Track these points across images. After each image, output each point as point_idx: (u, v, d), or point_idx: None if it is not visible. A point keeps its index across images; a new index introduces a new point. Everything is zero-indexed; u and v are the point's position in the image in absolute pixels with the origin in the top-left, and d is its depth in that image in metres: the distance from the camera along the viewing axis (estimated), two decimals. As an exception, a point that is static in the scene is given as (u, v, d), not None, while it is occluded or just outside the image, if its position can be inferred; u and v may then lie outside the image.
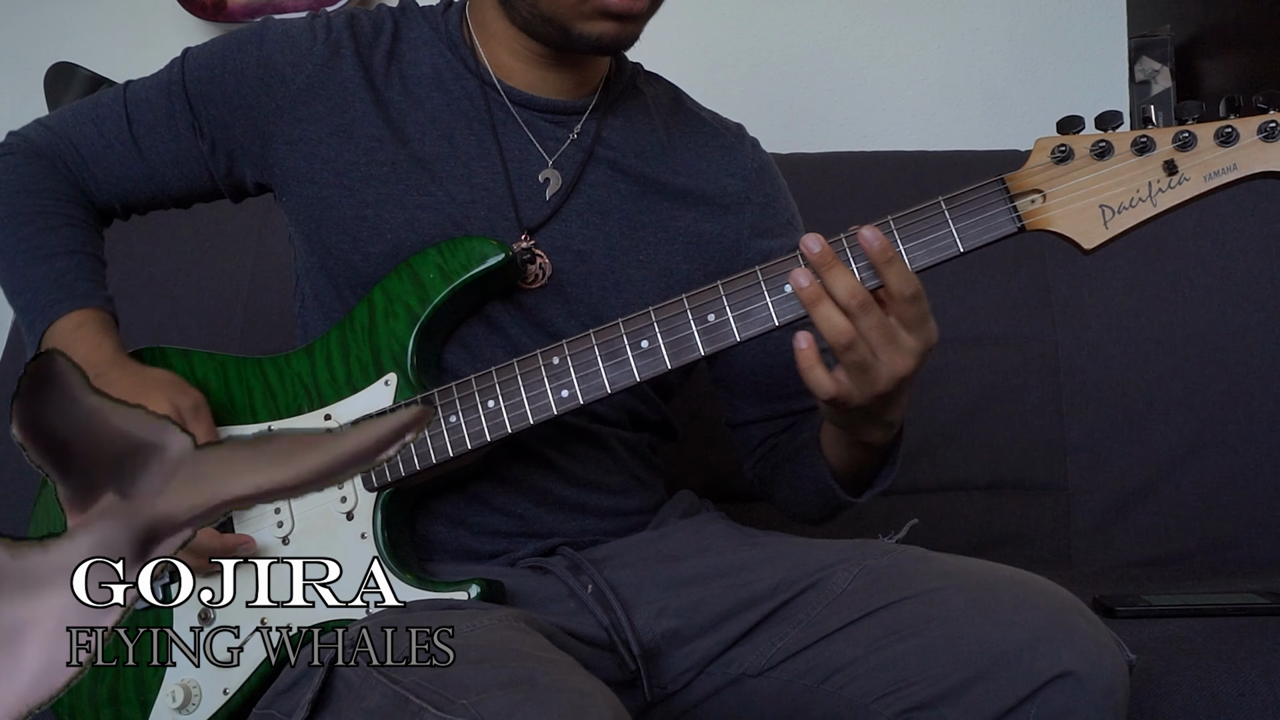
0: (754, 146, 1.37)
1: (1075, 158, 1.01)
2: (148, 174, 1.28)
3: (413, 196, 1.20)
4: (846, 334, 1.01)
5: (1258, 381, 1.82)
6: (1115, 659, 0.97)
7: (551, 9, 1.16)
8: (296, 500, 1.17)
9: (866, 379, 1.03)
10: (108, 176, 1.28)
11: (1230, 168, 0.98)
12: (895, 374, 1.03)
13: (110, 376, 1.16)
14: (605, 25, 1.16)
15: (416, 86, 1.25)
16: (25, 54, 2.33)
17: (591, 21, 1.16)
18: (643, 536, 1.26)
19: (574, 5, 1.15)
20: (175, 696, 1.14)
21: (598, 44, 1.18)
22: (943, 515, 1.80)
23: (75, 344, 1.18)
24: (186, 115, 1.25)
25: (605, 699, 0.91)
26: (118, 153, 1.27)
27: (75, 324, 1.20)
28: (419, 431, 1.12)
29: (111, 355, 1.19)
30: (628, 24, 1.17)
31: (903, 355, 1.03)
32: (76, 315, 1.20)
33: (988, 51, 2.29)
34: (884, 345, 1.02)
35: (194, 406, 1.17)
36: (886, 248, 1.01)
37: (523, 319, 1.22)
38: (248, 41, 1.25)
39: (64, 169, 1.28)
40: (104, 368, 1.17)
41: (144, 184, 1.28)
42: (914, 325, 1.03)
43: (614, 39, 1.17)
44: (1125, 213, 1.00)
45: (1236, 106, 0.99)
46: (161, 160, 1.27)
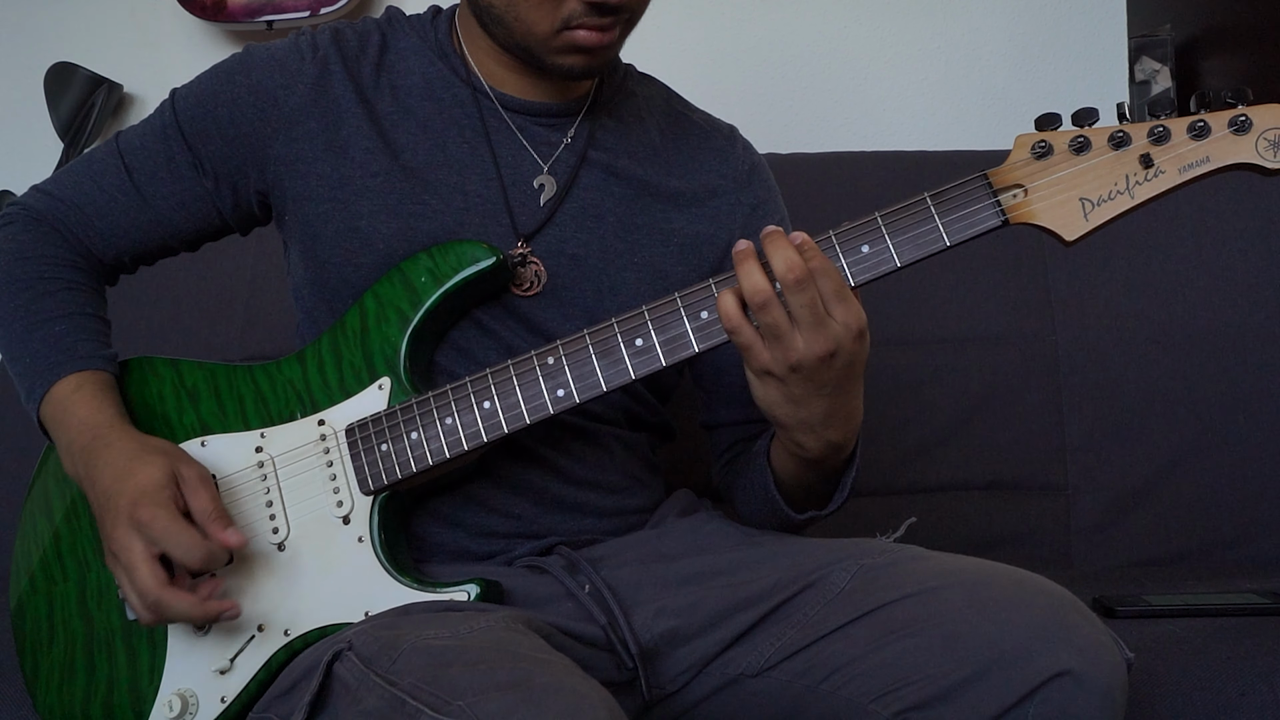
0: (746, 148, 1.37)
1: (1055, 153, 1.04)
2: (155, 221, 1.27)
3: (406, 206, 1.20)
4: (763, 291, 1.00)
5: (1258, 381, 1.82)
6: (1114, 658, 0.97)
7: (525, 39, 1.17)
8: (292, 506, 1.16)
9: (780, 346, 1.02)
10: (114, 231, 1.27)
11: (1203, 160, 1.02)
12: (814, 352, 1.01)
13: (109, 439, 1.14)
14: (576, 58, 1.17)
15: (407, 96, 1.24)
16: (25, 54, 2.33)
17: (563, 55, 1.17)
18: (640, 536, 1.26)
19: (544, 40, 1.16)
20: (172, 706, 1.13)
21: (569, 74, 1.19)
22: (942, 515, 1.80)
23: (74, 406, 1.17)
24: (186, 155, 1.25)
25: (602, 700, 0.91)
26: (121, 205, 1.26)
27: (74, 386, 1.18)
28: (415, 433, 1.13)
29: (111, 418, 1.17)
30: (599, 54, 1.17)
31: (823, 337, 1.01)
32: (75, 378, 1.19)
33: (988, 51, 2.29)
34: (810, 324, 1.01)
35: (199, 478, 1.13)
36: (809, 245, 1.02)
37: (517, 323, 1.22)
38: (235, 72, 1.25)
39: (66, 233, 1.27)
40: (103, 430, 1.15)
41: (152, 231, 1.27)
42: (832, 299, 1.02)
43: (586, 69, 1.19)
44: (1104, 205, 1.03)
45: (1207, 102, 1.02)
46: (167, 204, 1.26)
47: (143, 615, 1.09)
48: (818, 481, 1.17)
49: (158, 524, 1.07)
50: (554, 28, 1.15)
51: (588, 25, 1.14)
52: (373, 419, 1.15)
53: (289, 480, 1.17)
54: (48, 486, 1.26)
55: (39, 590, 1.24)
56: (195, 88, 1.27)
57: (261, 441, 1.19)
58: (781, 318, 1.01)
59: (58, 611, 1.22)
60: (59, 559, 1.23)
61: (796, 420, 1.07)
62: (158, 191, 1.26)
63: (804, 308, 1.00)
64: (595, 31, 1.15)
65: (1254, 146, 1.01)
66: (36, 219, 1.27)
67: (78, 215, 1.27)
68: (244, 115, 1.23)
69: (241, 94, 1.23)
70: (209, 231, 1.30)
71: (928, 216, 1.05)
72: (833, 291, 1.01)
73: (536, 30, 1.15)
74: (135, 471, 1.10)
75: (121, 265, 1.31)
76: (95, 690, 1.18)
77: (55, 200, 1.27)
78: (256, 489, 1.17)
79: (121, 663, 1.18)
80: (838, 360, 1.02)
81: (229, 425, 1.20)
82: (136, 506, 1.08)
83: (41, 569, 1.24)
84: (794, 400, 1.05)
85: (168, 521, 1.08)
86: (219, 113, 1.24)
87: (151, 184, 1.26)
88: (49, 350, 1.20)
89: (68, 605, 1.22)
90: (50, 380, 1.18)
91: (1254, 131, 1.01)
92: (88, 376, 1.19)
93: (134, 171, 1.26)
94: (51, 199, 1.28)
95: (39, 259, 1.25)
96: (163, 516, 1.08)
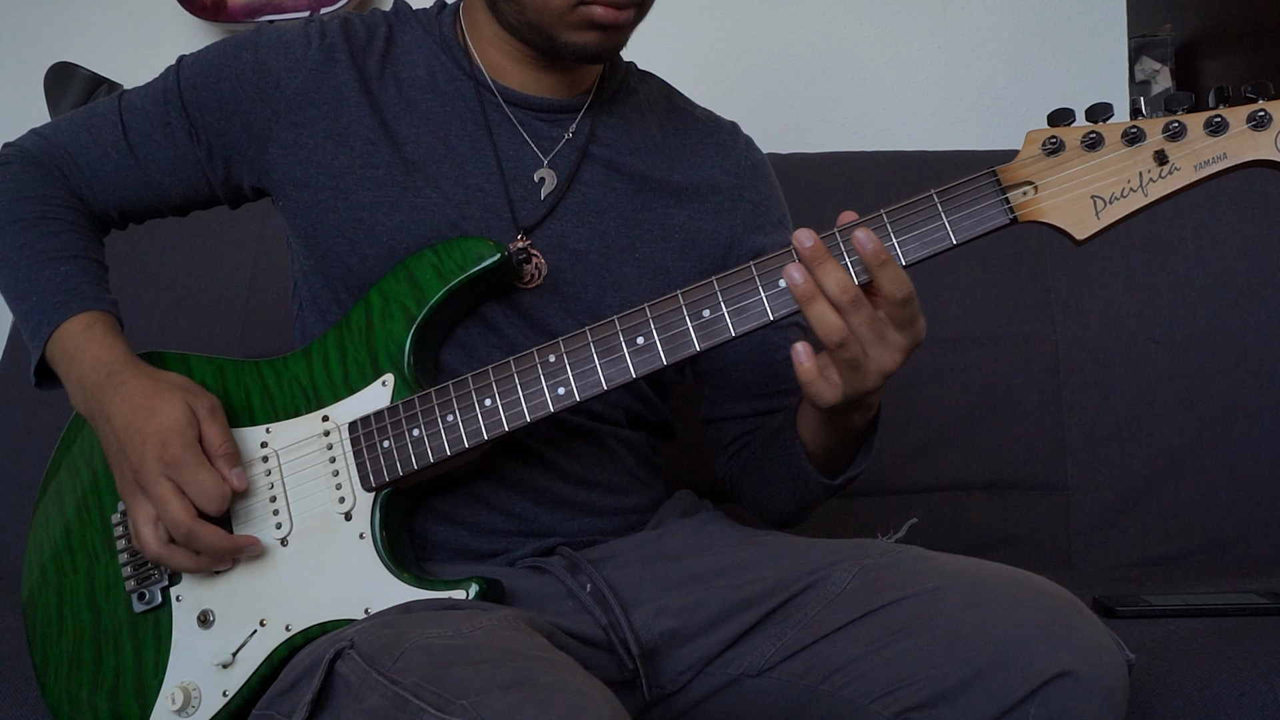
0: (747, 144, 1.37)
1: (1066, 149, 1.02)
2: (145, 182, 1.28)
3: (408, 198, 1.20)
4: (840, 331, 1.01)
5: (1258, 381, 1.82)
6: (1114, 658, 0.97)
7: (538, 18, 1.17)
8: (295, 501, 1.17)
9: (858, 376, 1.04)
10: (105, 185, 1.28)
11: (1220, 156, 0.99)
12: (883, 370, 1.04)
13: (123, 376, 1.16)
14: (590, 35, 1.17)
15: (411, 89, 1.25)
16: (25, 54, 2.33)
17: (577, 31, 1.17)
18: (642, 536, 1.26)
19: (560, 15, 1.16)
20: (175, 699, 1.14)
21: (583, 53, 1.18)
22: (943, 515, 1.80)
23: (86, 344, 1.18)
24: (183, 122, 1.25)
25: (605, 699, 0.91)
26: (114, 161, 1.27)
27: (84, 325, 1.20)
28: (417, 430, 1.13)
29: (124, 356, 1.19)
30: (613, 34, 1.17)
31: (891, 352, 1.04)
32: (85, 317, 1.20)
33: (988, 51, 2.29)
34: (874, 341, 1.03)
35: (210, 408, 1.17)
36: (880, 250, 1.02)
37: (519, 319, 1.22)
38: (243, 47, 1.25)
39: (61, 177, 1.28)
40: (117, 367, 1.17)
41: (141, 192, 1.28)
42: (904, 325, 1.04)
43: (599, 48, 1.18)
44: (1117, 203, 1.01)
45: (1226, 96, 1.00)
46: (159, 168, 1.27)
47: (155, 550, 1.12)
48: (845, 446, 1.19)
49: (186, 468, 1.11)
50: (569, 3, 1.15)
51: (603, 2, 1.14)
52: (375, 415, 1.15)
53: (293, 475, 1.17)
54: (61, 480, 1.27)
55: (50, 582, 1.25)
56: (202, 57, 1.27)
57: (267, 436, 1.19)
58: (858, 352, 1.03)
59: (67, 603, 1.23)
60: (69, 551, 1.24)
61: (853, 402, 1.08)
62: (150, 154, 1.26)
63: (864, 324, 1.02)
64: (611, 9, 1.15)
65: (1274, 143, 0.98)
66: (34, 161, 1.28)
67: (70, 163, 1.27)
68: (245, 93, 1.23)
69: (245, 71, 1.24)
70: (197, 200, 1.30)
71: (934, 214, 1.04)
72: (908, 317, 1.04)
73: (551, 5, 1.15)
74: (157, 410, 1.13)
75: (109, 219, 1.31)
76: (102, 681, 1.19)
77: (51, 146, 1.28)
78: (261, 483, 1.18)
79: (128, 655, 1.19)
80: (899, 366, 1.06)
81: (236, 420, 1.21)
82: (165, 446, 1.11)
83: (53, 561, 1.25)
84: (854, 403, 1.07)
85: (194, 465, 1.12)
86: (221, 86, 1.24)
87: (145, 146, 1.26)
88: (55, 289, 1.21)
89: (77, 597, 1.23)
90: (59, 319, 1.19)
91: (1273, 127, 0.98)
92: (97, 316, 1.21)
93: (130, 131, 1.26)
94: (48, 144, 1.29)
95: (40, 199, 1.25)
96: (190, 460, 1.12)
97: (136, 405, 1.14)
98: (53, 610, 1.24)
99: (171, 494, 1.11)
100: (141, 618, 1.19)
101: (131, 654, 1.19)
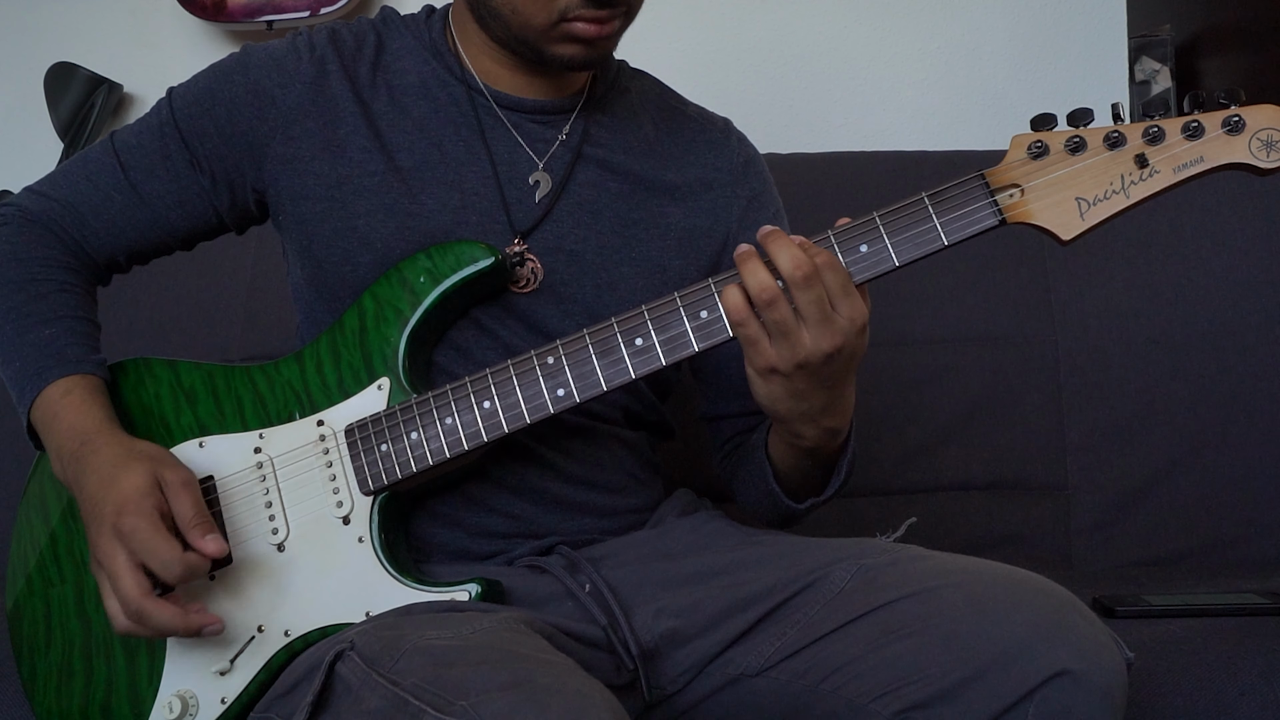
0: (740, 140, 1.37)
1: (1050, 153, 1.05)
2: (151, 219, 1.27)
3: (403, 205, 1.20)
4: (769, 290, 1.01)
5: (1258, 381, 1.82)
6: (1113, 658, 0.97)
7: (522, 31, 1.17)
8: (291, 507, 1.16)
9: (788, 344, 1.03)
10: (109, 230, 1.27)
11: (1198, 160, 1.03)
12: (821, 349, 1.02)
13: (95, 444, 1.14)
14: (575, 48, 1.17)
15: (403, 96, 1.25)
16: (25, 54, 2.33)
17: (561, 44, 1.17)
18: (641, 535, 1.26)
19: (543, 31, 1.16)
20: (172, 707, 1.13)
21: (570, 64, 1.19)
22: (943, 515, 1.80)
23: (63, 411, 1.16)
24: (183, 153, 1.25)
25: (605, 700, 0.91)
26: (117, 203, 1.26)
27: (63, 391, 1.17)
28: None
29: (99, 422, 1.16)
30: (598, 45, 1.18)
31: (830, 333, 1.02)
32: (64, 382, 1.18)
33: (988, 51, 2.29)
34: (817, 320, 1.02)
35: (182, 481, 1.11)
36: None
37: (516, 321, 1.22)
38: (233, 71, 1.25)
39: (60, 233, 1.26)
40: (90, 435, 1.14)
41: (148, 230, 1.27)
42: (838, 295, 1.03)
43: (586, 59, 1.19)
44: (1100, 204, 1.04)
45: (1200, 102, 1.04)
46: (163, 203, 1.26)
47: (122, 625, 1.07)
48: (815, 468, 1.18)
49: (138, 535, 1.06)
50: (551, 19, 1.15)
51: (585, 18, 1.14)
52: (372, 419, 1.15)
53: (288, 481, 1.17)
54: (44, 488, 1.26)
55: (36, 592, 1.23)
56: (193, 86, 1.27)
57: (260, 442, 1.19)
58: (788, 314, 1.02)
59: (55, 614, 1.22)
60: (56, 561, 1.23)
61: (797, 413, 1.08)
62: (154, 190, 1.26)
63: (811, 304, 1.01)
64: (593, 24, 1.15)
65: (1247, 146, 1.02)
66: (31, 220, 1.27)
67: (73, 215, 1.26)
68: (241, 115, 1.23)
69: (239, 93, 1.23)
70: (205, 230, 1.30)
71: (926, 216, 1.05)
72: (839, 287, 1.02)
73: (534, 22, 1.16)
74: (119, 479, 1.09)
75: (116, 265, 1.31)
76: (94, 693, 1.18)
77: (50, 201, 1.27)
78: (255, 490, 1.17)
79: (120, 665, 1.18)
80: (841, 355, 1.03)
81: (227, 426, 1.20)
82: (120, 515, 1.07)
83: (39, 571, 1.24)
84: (796, 395, 1.06)
85: (148, 534, 1.06)
86: (216, 111, 1.24)
87: (148, 182, 1.26)
88: (38, 355, 1.19)
89: (65, 607, 1.21)
90: (39, 385, 1.18)
91: (1247, 132, 1.02)
92: (76, 381, 1.18)
93: (130, 170, 1.26)
94: (46, 199, 1.27)
95: (31, 260, 1.24)
96: (144, 528, 1.06)
97: (102, 476, 1.11)
98: (40, 621, 1.22)
99: (124, 568, 1.06)
100: None
101: (124, 663, 1.17)
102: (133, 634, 1.08)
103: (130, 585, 1.06)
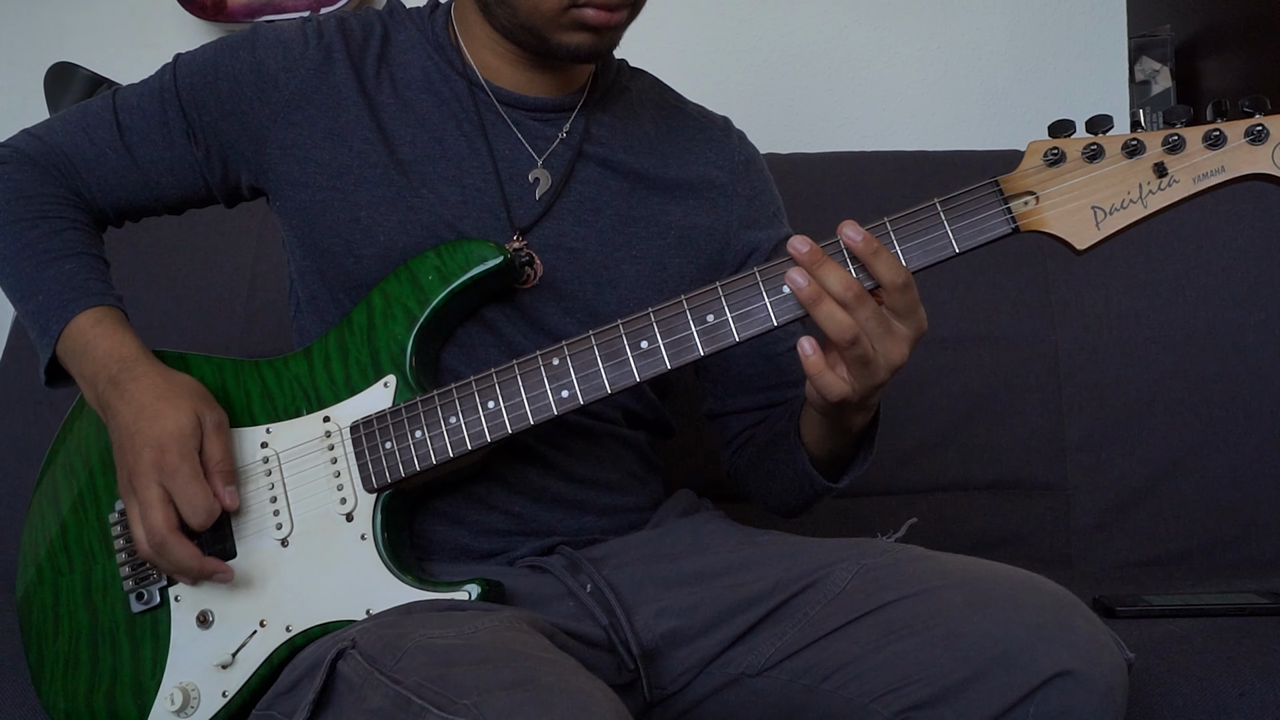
0: (740, 139, 1.37)
1: (1067, 160, 1.04)
2: (142, 181, 1.27)
3: (404, 199, 1.21)
4: (850, 329, 1.02)
5: (1258, 381, 1.82)
6: (1114, 658, 0.97)
7: (530, 19, 1.17)
8: (296, 502, 1.17)
9: (868, 371, 1.05)
10: (100, 184, 1.27)
11: (1218, 170, 1.01)
12: (891, 363, 1.05)
13: (135, 372, 1.16)
14: (583, 36, 1.17)
15: (406, 89, 1.25)
16: (25, 54, 2.33)
17: (569, 33, 1.17)
18: (642, 535, 1.26)
19: (552, 17, 1.16)
20: (174, 699, 1.13)
21: (575, 54, 1.19)
22: (943, 515, 1.80)
23: (98, 339, 1.18)
24: (180, 121, 1.25)
25: (607, 700, 0.91)
26: (110, 161, 1.27)
27: (94, 320, 1.19)
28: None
29: (136, 350, 1.19)
30: (605, 34, 1.18)
31: (898, 343, 1.05)
32: (94, 312, 1.20)
33: (988, 51, 2.29)
34: (881, 335, 1.04)
35: (217, 423, 1.16)
36: (870, 240, 1.03)
37: (519, 319, 1.22)
38: (240, 47, 1.25)
39: (59, 175, 1.27)
40: (129, 362, 1.17)
41: (138, 191, 1.28)
42: (905, 313, 1.05)
43: (592, 49, 1.19)
44: (1117, 214, 1.02)
45: (1224, 110, 1.01)
46: (156, 167, 1.27)
47: (144, 551, 1.12)
48: (847, 447, 1.20)
49: (179, 477, 1.11)
50: (561, 5, 1.15)
51: (595, 4, 1.14)
52: (377, 416, 1.15)
53: (293, 476, 1.17)
54: (56, 478, 1.27)
55: (45, 581, 1.24)
56: (199, 56, 1.27)
57: (267, 437, 1.19)
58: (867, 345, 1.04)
59: (63, 603, 1.23)
60: (65, 550, 1.24)
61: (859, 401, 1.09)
62: (148, 154, 1.26)
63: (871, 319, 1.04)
64: (603, 10, 1.15)
65: (1270, 157, 0.99)
66: (29, 160, 1.27)
67: (66, 163, 1.27)
68: (243, 92, 1.23)
69: (244, 71, 1.24)
70: (194, 199, 1.30)
71: (937, 223, 1.05)
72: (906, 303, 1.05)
73: (543, 8, 1.16)
74: (163, 413, 1.13)
75: (106, 217, 1.31)
76: (99, 682, 1.19)
77: (46, 146, 1.28)
78: (261, 484, 1.18)
79: (125, 655, 1.18)
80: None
81: (235, 420, 1.20)
82: (164, 452, 1.11)
83: (48, 560, 1.25)
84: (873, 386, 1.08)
85: (188, 477, 1.11)
86: (219, 85, 1.24)
87: (143, 145, 1.26)
88: (62, 288, 1.20)
89: (73, 596, 1.22)
90: (67, 316, 1.19)
91: (1271, 141, 0.99)
92: (106, 311, 1.20)
93: (126, 131, 1.26)
94: (42, 144, 1.28)
95: (40, 197, 1.25)
96: (185, 471, 1.11)
97: (143, 405, 1.14)
98: (48, 609, 1.23)
99: (157, 500, 1.11)
100: (139, 617, 1.19)
101: (129, 654, 1.18)
102: (150, 562, 1.13)
103: (160, 519, 1.10)
